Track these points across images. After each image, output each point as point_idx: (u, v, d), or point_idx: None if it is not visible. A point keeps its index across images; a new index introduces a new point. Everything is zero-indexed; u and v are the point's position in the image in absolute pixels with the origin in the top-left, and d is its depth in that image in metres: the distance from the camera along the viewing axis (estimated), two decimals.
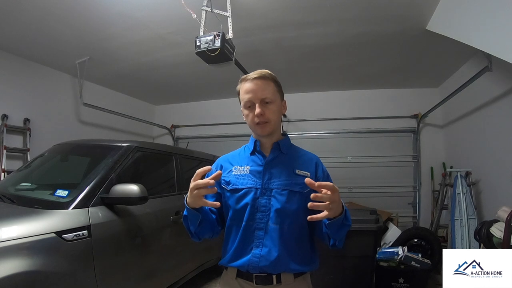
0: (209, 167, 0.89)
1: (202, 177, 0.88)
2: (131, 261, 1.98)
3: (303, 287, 1.04)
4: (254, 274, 0.99)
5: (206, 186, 0.87)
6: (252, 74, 1.02)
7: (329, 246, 1.00)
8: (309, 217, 0.85)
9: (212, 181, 0.87)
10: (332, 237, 0.96)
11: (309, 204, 0.82)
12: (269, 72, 1.04)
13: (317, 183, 0.81)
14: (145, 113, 5.63)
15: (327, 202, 0.81)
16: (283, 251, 0.97)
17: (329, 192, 0.81)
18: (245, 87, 1.02)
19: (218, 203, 0.91)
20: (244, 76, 1.05)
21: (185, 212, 0.98)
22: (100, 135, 4.59)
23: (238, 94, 1.07)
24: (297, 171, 1.03)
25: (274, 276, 0.98)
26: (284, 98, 1.11)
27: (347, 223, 0.94)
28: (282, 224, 0.99)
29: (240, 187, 1.03)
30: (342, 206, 0.90)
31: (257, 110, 0.99)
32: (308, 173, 1.03)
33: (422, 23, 2.84)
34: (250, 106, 1.02)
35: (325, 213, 0.83)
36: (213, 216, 1.07)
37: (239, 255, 1.00)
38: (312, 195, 0.82)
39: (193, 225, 0.98)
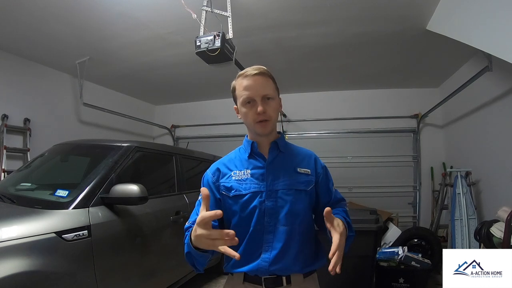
0: (216, 212, 0.73)
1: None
2: (131, 261, 1.98)
3: (312, 286, 1.03)
4: (263, 277, 0.97)
5: (223, 237, 0.74)
6: (251, 70, 0.97)
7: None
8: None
9: (220, 212, 0.73)
10: None
11: (330, 268, 0.79)
12: (266, 68, 1.01)
13: (331, 252, 0.80)
14: (145, 113, 5.62)
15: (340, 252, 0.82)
16: (293, 252, 0.96)
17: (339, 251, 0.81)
18: (244, 84, 0.97)
19: (220, 212, 0.73)
20: (242, 72, 1.00)
21: (187, 249, 0.88)
22: (100, 135, 4.59)
23: (233, 91, 1.02)
24: (298, 169, 1.02)
25: (284, 278, 0.97)
26: (281, 97, 1.08)
27: (351, 234, 0.97)
28: (291, 224, 0.97)
29: (244, 192, 0.98)
30: (345, 225, 0.91)
31: (260, 107, 0.95)
32: (309, 170, 1.03)
33: (422, 23, 2.84)
34: (249, 102, 0.97)
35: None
36: (215, 224, 0.97)
37: (247, 260, 0.96)
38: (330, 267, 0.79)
39: (201, 264, 0.91)
